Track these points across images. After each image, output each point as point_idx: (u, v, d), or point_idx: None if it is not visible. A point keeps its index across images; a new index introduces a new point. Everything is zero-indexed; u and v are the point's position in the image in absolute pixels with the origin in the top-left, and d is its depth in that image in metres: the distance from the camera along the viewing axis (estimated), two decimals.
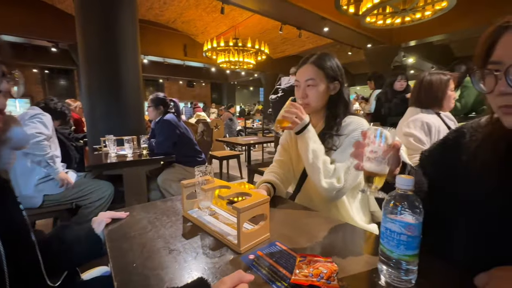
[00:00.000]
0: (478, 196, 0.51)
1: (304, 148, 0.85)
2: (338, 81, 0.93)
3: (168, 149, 2.03)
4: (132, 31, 2.50)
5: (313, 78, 0.91)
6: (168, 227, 0.71)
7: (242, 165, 3.79)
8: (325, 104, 0.95)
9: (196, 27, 7.33)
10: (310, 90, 0.91)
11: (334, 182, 0.83)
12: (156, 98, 2.20)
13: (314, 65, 0.92)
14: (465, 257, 0.51)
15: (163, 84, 12.79)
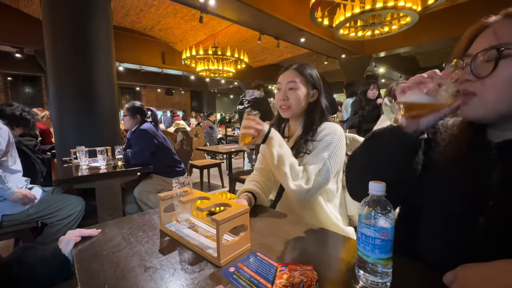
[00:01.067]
0: (443, 194, 0.53)
1: (269, 155, 0.87)
2: (317, 89, 0.98)
3: (145, 160, 1.95)
4: (106, 37, 2.42)
5: (294, 81, 0.95)
6: (144, 243, 0.67)
7: (224, 173, 3.74)
8: (304, 110, 0.99)
9: (175, 35, 7.27)
10: (290, 93, 0.95)
11: (302, 184, 0.85)
12: (133, 107, 2.12)
13: (296, 70, 0.97)
14: (436, 256, 0.53)
15: (140, 92, 12.42)
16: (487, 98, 0.45)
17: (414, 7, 3.11)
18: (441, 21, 5.07)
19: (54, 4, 2.24)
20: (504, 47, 0.42)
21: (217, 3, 3.85)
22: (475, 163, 0.50)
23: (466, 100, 0.47)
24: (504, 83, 0.43)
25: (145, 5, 5.68)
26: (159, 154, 2.07)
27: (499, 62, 0.43)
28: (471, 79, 0.46)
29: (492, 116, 0.46)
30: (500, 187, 0.47)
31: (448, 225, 0.52)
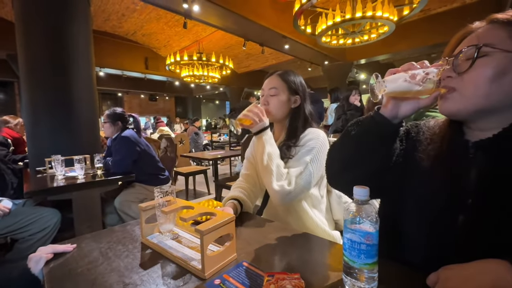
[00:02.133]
0: (425, 192, 0.54)
1: (260, 150, 0.88)
2: (299, 95, 0.99)
3: (126, 168, 1.88)
4: (85, 41, 2.34)
5: (275, 88, 0.97)
6: (124, 257, 0.64)
7: (210, 180, 3.68)
8: (287, 115, 0.99)
9: (158, 40, 7.17)
10: (271, 99, 0.97)
11: (285, 184, 0.84)
12: (113, 113, 2.04)
13: (279, 76, 0.99)
14: (419, 255, 0.54)
15: (122, 98, 12.08)
16: (465, 93, 0.48)
17: (391, 17, 3.28)
18: (416, 31, 5.37)
19: (28, 7, 2.14)
20: (482, 45, 0.46)
21: (201, 9, 3.85)
22: (454, 162, 0.52)
23: (446, 95, 0.50)
24: (481, 79, 0.46)
25: (127, 10, 5.57)
26: (142, 162, 2.00)
27: (476, 59, 0.46)
28: (452, 75, 0.49)
29: (469, 111, 0.49)
30: (477, 186, 0.48)
31: (430, 223, 0.53)
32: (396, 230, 0.58)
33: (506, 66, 0.45)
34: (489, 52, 0.46)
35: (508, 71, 0.45)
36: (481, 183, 0.48)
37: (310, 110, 1.02)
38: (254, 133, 0.91)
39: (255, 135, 0.91)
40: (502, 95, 0.46)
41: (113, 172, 1.85)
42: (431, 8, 5.00)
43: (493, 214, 0.46)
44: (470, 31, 0.51)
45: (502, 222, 0.45)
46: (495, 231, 0.45)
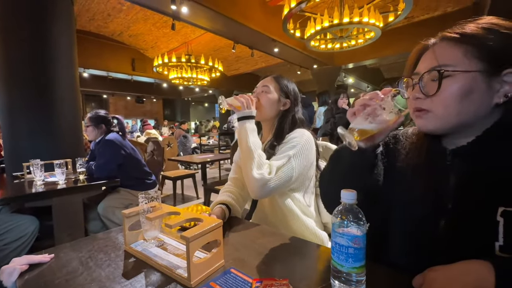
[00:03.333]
0: (407, 199, 0.56)
1: (244, 138, 0.88)
2: (290, 99, 1.00)
3: (110, 173, 1.81)
4: (67, 41, 2.26)
5: (267, 86, 1.00)
6: (105, 266, 0.60)
7: (198, 184, 3.63)
8: (275, 116, 1.01)
9: (146, 42, 7.05)
10: (262, 95, 0.99)
11: (265, 173, 0.83)
12: (96, 116, 1.96)
13: (273, 78, 1.03)
14: (405, 259, 0.55)
15: (108, 100, 11.77)
16: (438, 113, 0.49)
17: (377, 23, 3.37)
18: (401, 37, 5.56)
19: (6, 3, 2.05)
20: (443, 69, 0.47)
21: (190, 11, 3.82)
22: (433, 170, 0.53)
23: (421, 115, 0.52)
24: (450, 100, 0.48)
25: (113, 10, 5.45)
26: (127, 166, 1.94)
27: (442, 81, 0.47)
28: (421, 97, 0.51)
29: (445, 128, 0.51)
30: (456, 191, 0.50)
31: (414, 228, 0.54)
32: (381, 234, 0.59)
33: (471, 84, 0.46)
34: (451, 73, 0.47)
35: (474, 89, 0.46)
36: (459, 188, 0.49)
37: (302, 116, 1.03)
38: (238, 119, 0.92)
39: (239, 121, 0.91)
40: (472, 112, 0.47)
41: (96, 176, 1.78)
42: (415, 15, 5.20)
43: (471, 217, 0.47)
44: (426, 47, 0.53)
45: (479, 225, 0.46)
46: (474, 234, 0.46)
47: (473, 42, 0.46)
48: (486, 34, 0.46)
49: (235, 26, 4.45)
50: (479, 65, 0.45)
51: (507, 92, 0.46)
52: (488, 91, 0.46)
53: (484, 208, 0.45)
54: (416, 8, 4.45)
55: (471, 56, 0.46)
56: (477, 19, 0.49)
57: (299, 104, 1.04)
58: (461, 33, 0.48)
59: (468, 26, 0.48)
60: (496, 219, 0.43)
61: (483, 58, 0.45)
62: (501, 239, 0.43)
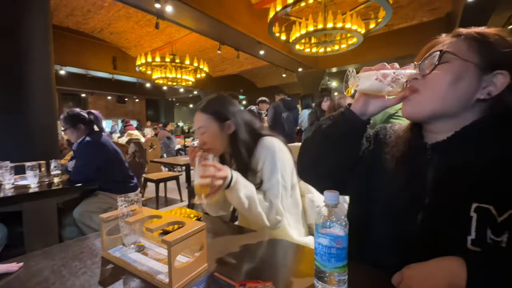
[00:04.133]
0: (389, 192, 0.58)
1: (237, 200, 0.80)
2: (230, 119, 0.93)
3: (87, 176, 1.71)
4: (42, 37, 2.13)
5: (202, 126, 0.93)
6: (80, 274, 0.57)
7: (182, 186, 3.55)
8: (228, 143, 0.95)
9: (128, 40, 6.84)
10: (204, 137, 0.93)
11: (277, 217, 0.85)
12: (69, 117, 1.80)
13: (202, 112, 0.94)
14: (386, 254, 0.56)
15: (86, 99, 11.27)
16: (425, 95, 0.52)
17: (359, 29, 3.50)
18: (382, 43, 5.81)
19: None
20: (446, 50, 0.51)
21: (175, 10, 3.75)
22: (414, 163, 0.55)
23: (409, 97, 0.54)
24: (440, 82, 0.51)
25: (93, 6, 5.25)
26: (108, 168, 1.85)
27: (438, 63, 0.51)
28: (418, 77, 0.54)
29: (427, 112, 0.53)
30: (433, 185, 0.52)
31: (394, 222, 0.55)
32: (364, 230, 0.60)
33: (462, 73, 0.50)
34: (450, 59, 0.50)
35: (463, 77, 0.50)
36: (436, 182, 0.52)
37: (250, 125, 0.97)
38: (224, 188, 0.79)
39: (226, 189, 0.79)
40: (455, 99, 0.51)
41: (72, 179, 1.69)
42: (394, 23, 5.45)
43: (447, 212, 0.49)
44: (438, 42, 0.56)
45: (454, 219, 0.48)
46: (449, 228, 0.48)
47: (478, 38, 0.50)
48: (491, 36, 0.50)
49: (221, 27, 4.43)
50: (476, 59, 0.49)
51: (491, 91, 0.49)
52: (475, 84, 0.49)
53: (459, 204, 0.47)
54: (395, 16, 4.66)
55: (472, 50, 0.50)
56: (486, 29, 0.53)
57: (244, 116, 0.97)
58: (470, 32, 0.52)
59: (477, 29, 0.52)
60: (470, 214, 0.46)
61: (482, 53, 0.49)
62: (473, 233, 0.45)
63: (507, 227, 0.43)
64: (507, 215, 0.43)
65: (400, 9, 5.00)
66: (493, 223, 0.44)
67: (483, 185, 0.46)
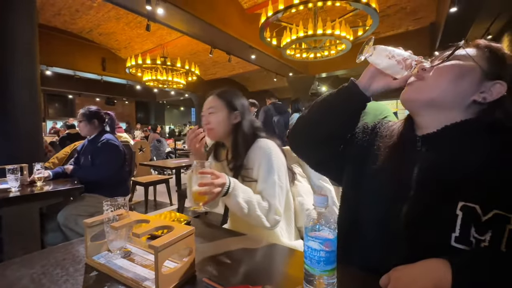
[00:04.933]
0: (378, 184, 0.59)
1: (236, 206, 0.80)
2: (239, 111, 1.00)
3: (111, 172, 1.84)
4: (27, 36, 2.07)
5: (212, 107, 0.99)
6: (62, 283, 0.55)
7: (172, 190, 3.49)
8: (230, 132, 1.00)
9: (118, 41, 6.74)
10: (211, 117, 0.99)
11: (276, 217, 0.86)
12: (88, 112, 1.91)
13: (216, 96, 1.02)
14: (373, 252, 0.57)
15: (74, 100, 10.98)
16: (428, 82, 0.55)
17: (348, 36, 3.58)
18: None
19: None
20: (462, 45, 0.54)
21: (166, 13, 3.73)
22: (403, 154, 0.57)
23: (413, 82, 0.57)
24: (444, 75, 0.54)
25: (82, 6, 5.15)
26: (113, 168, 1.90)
27: (450, 55, 0.54)
28: (426, 67, 0.56)
29: (425, 100, 0.55)
30: (419, 178, 0.53)
31: (381, 214, 0.56)
32: (353, 231, 0.61)
33: (467, 72, 0.53)
34: (461, 58, 0.54)
35: (467, 76, 0.52)
36: (422, 175, 0.53)
37: (257, 124, 1.03)
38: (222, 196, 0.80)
39: (223, 196, 0.80)
40: (453, 94, 0.53)
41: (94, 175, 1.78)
42: (381, 31, 5.62)
43: (431, 206, 0.50)
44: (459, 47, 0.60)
45: (439, 215, 0.49)
46: (433, 223, 0.49)
47: (490, 49, 0.54)
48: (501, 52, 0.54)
49: (213, 31, 4.44)
50: (484, 64, 0.52)
51: (486, 97, 0.52)
52: (475, 86, 0.52)
53: (444, 200, 0.49)
54: (382, 25, 4.81)
55: (485, 57, 0.53)
56: None
57: (250, 114, 1.04)
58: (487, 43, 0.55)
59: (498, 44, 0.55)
60: (456, 212, 0.47)
61: (491, 62, 0.52)
62: (458, 230, 0.46)
63: (490, 226, 0.44)
64: (491, 214, 0.44)
65: (387, 18, 5.17)
66: (478, 222, 0.45)
67: (469, 184, 0.48)
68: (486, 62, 0.52)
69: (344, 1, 2.97)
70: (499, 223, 0.44)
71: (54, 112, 10.66)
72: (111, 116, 2.07)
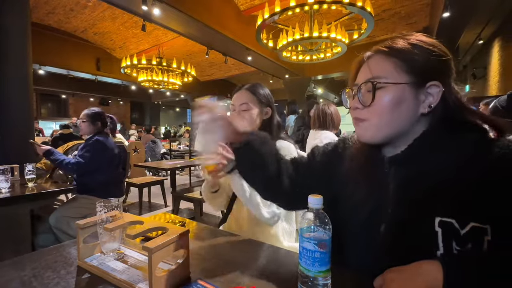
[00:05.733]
0: (353, 204, 0.58)
1: (239, 186, 0.82)
2: (270, 107, 1.01)
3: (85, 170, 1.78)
4: (19, 34, 2.04)
5: (246, 103, 0.96)
6: (53, 285, 0.54)
7: (167, 191, 3.46)
8: (259, 127, 0.99)
9: (113, 41, 6.69)
10: (245, 114, 0.97)
11: (275, 209, 0.85)
12: (93, 113, 1.94)
13: (248, 91, 0.98)
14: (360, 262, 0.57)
15: (67, 100, 10.83)
16: (373, 122, 0.53)
17: (343, 39, 3.62)
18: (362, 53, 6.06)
19: None
20: (376, 81, 0.51)
21: (162, 13, 3.72)
22: (374, 175, 0.57)
23: (359, 124, 0.56)
24: (382, 109, 0.51)
25: (76, 5, 5.10)
26: (107, 169, 1.87)
27: (375, 92, 0.51)
28: (359, 107, 0.54)
29: (380, 137, 0.54)
30: (394, 196, 0.53)
31: (360, 232, 0.57)
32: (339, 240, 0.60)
33: (400, 95, 0.50)
34: (384, 85, 0.51)
35: (403, 99, 0.50)
36: (396, 193, 0.53)
37: (278, 120, 1.03)
38: (227, 172, 0.81)
39: (228, 173, 0.81)
40: (401, 121, 0.52)
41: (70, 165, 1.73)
42: (376, 35, 5.70)
43: (410, 223, 0.50)
44: (363, 60, 0.57)
45: (419, 232, 0.49)
46: (414, 240, 0.49)
47: (402, 56, 0.50)
48: (412, 49, 0.50)
49: (209, 32, 4.44)
50: (407, 78, 0.50)
51: (431, 103, 0.50)
52: (415, 102, 0.50)
53: (422, 216, 0.49)
54: (376, 28, 4.87)
55: (400, 70, 0.50)
56: (407, 35, 0.54)
57: (275, 109, 1.04)
58: (391, 47, 0.52)
59: (398, 41, 0.52)
60: (435, 229, 0.47)
61: (410, 71, 0.50)
62: (441, 247, 0.46)
63: (470, 239, 0.44)
64: (469, 227, 0.44)
65: (381, 22, 5.24)
66: (457, 236, 0.45)
67: (442, 198, 0.47)
68: (404, 74, 0.50)
69: (339, 4, 3.00)
70: (477, 236, 0.44)
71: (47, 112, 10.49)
72: (113, 119, 2.12)
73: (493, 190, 0.44)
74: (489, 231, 0.44)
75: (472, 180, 0.46)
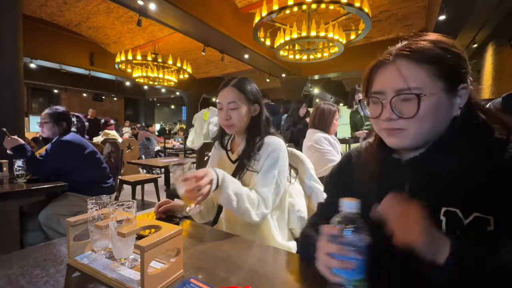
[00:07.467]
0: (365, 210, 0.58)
1: (226, 199, 0.79)
2: (258, 103, 0.99)
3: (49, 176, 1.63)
4: (9, 27, 1.99)
5: (234, 101, 0.94)
6: (41, 284, 0.52)
7: (161, 189, 3.43)
8: (247, 125, 0.98)
9: (107, 36, 6.57)
10: (233, 113, 0.94)
11: (263, 210, 0.85)
12: (56, 113, 1.75)
13: (235, 88, 0.95)
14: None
15: (59, 95, 10.61)
16: (412, 131, 0.51)
17: (340, 39, 3.63)
18: (360, 54, 6.08)
19: None
20: (421, 93, 0.48)
21: (158, 8, 3.67)
22: (388, 178, 0.57)
23: (394, 134, 0.53)
24: (424, 118, 0.50)
25: None
26: (86, 168, 1.78)
27: (420, 104, 0.48)
28: (393, 117, 0.52)
29: (418, 144, 0.53)
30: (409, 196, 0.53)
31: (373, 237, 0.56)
32: None
33: (438, 103, 0.49)
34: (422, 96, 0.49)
35: (441, 106, 0.50)
36: (411, 194, 0.52)
37: (267, 116, 1.02)
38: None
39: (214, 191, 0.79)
40: (439, 126, 0.52)
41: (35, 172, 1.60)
42: (373, 36, 5.73)
43: None
44: (382, 63, 0.55)
45: None
46: None
47: (433, 61, 0.49)
48: (443, 53, 0.49)
49: (206, 29, 4.40)
50: (441, 84, 0.49)
51: (459, 104, 0.51)
52: (450, 105, 0.51)
53: (431, 209, 0.48)
54: (374, 29, 4.91)
55: (434, 76, 0.49)
56: (422, 35, 0.53)
57: (263, 104, 1.02)
58: (419, 52, 0.50)
59: (423, 44, 0.51)
60: (440, 218, 0.48)
61: (443, 77, 0.49)
62: None
63: (472, 229, 0.45)
64: (472, 217, 0.45)
65: (379, 23, 5.27)
66: (460, 226, 0.46)
67: (450, 189, 0.49)
68: (438, 80, 0.49)
69: (337, 4, 3.00)
70: (479, 226, 0.45)
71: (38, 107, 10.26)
72: (80, 118, 1.92)
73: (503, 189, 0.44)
74: (492, 222, 0.44)
75: (483, 179, 0.46)
